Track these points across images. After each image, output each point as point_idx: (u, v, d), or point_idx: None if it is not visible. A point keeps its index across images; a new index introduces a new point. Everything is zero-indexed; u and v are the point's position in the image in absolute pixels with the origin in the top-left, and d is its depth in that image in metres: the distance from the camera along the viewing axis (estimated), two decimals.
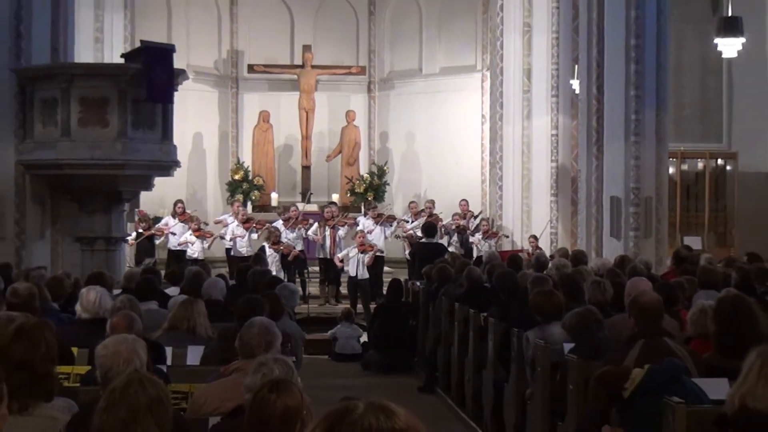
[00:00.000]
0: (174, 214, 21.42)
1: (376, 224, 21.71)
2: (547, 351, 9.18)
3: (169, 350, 8.29)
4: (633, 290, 9.54)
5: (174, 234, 21.06)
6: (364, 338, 17.33)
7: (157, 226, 21.14)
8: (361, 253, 20.55)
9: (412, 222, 22.27)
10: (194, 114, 24.24)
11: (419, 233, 21.27)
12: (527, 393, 9.79)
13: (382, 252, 21.36)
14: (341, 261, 20.94)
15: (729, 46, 19.20)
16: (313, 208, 24.05)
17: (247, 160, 25.86)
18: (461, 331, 12.82)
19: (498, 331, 11.08)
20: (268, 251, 20.13)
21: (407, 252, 21.15)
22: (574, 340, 8.70)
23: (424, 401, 13.02)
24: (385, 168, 26.07)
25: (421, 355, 15.53)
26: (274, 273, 17.13)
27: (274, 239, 20.56)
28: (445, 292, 14.09)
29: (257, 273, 13.28)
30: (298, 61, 26.01)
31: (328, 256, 21.41)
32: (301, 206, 23.36)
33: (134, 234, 20.49)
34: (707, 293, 10.47)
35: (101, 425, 4.64)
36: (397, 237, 22.38)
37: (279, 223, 21.50)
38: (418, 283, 16.50)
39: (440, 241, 21.75)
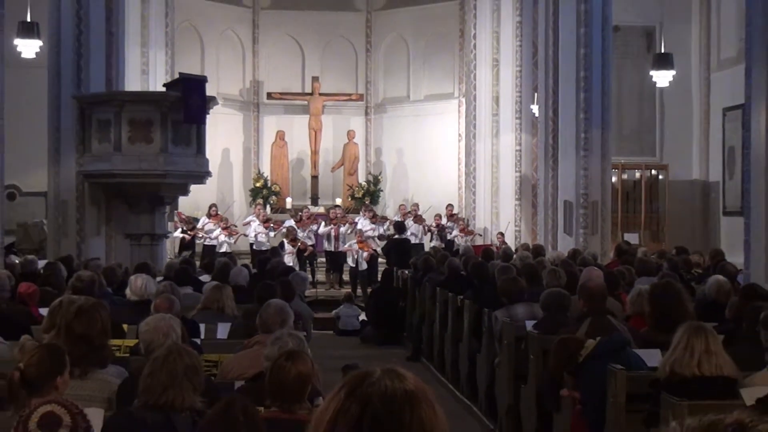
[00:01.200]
0: (208, 215, 21.43)
1: (373, 223, 21.73)
2: (512, 327, 9.18)
3: (202, 326, 8.27)
4: (586, 277, 9.55)
5: (209, 231, 21.08)
6: (362, 317, 17.32)
7: (197, 227, 21.14)
8: (360, 249, 20.61)
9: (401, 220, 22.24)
10: (223, 133, 24.20)
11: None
12: (496, 361, 9.78)
13: (378, 246, 21.35)
14: (348, 247, 21.03)
15: (661, 78, 19.31)
16: (320, 210, 24.06)
17: (266, 171, 25.85)
18: (442, 311, 12.82)
19: (472, 311, 11.08)
20: (287, 247, 20.19)
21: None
22: (546, 312, 8.68)
23: (412, 368, 12.92)
24: (379, 177, 26.07)
25: (408, 331, 15.52)
26: (290, 264, 17.14)
27: (292, 237, 20.62)
28: (428, 279, 14.08)
29: (274, 263, 13.28)
30: (308, 90, 25.99)
31: (333, 249, 21.44)
32: (312, 209, 23.44)
33: (179, 231, 20.56)
34: (643, 280, 10.49)
35: (146, 388, 4.64)
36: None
37: (291, 223, 21.52)
38: (406, 272, 16.49)
39: (424, 237, 21.81)
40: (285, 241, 20.48)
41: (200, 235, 20.97)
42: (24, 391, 4.44)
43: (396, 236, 20.10)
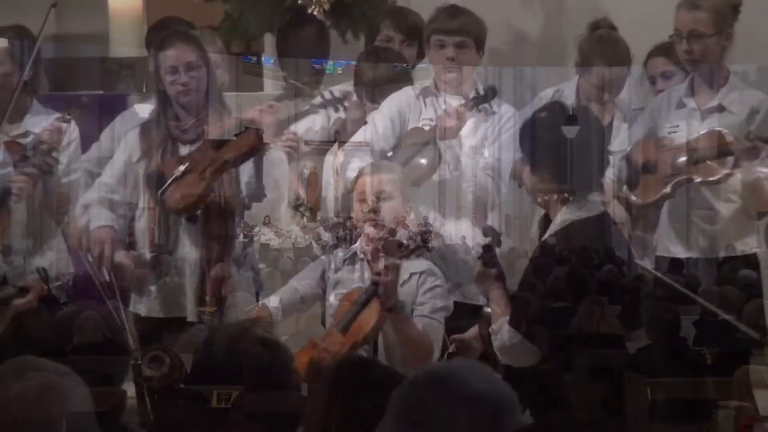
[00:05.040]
0: (264, 223, 21.36)
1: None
2: None
3: None
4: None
5: (264, 234, 20.99)
6: None
7: (254, 230, 21.11)
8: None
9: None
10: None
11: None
12: None
13: None
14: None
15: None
16: (340, 220, 24.00)
17: (303, 195, 25.81)
18: None
19: None
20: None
21: None
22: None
23: None
24: None
25: None
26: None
27: (317, 238, 20.74)
28: None
29: None
30: None
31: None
32: (333, 219, 23.42)
33: (242, 235, 20.44)
34: None
35: None
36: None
37: (320, 229, 21.63)
38: None
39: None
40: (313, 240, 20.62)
41: (257, 237, 20.93)
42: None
43: None
